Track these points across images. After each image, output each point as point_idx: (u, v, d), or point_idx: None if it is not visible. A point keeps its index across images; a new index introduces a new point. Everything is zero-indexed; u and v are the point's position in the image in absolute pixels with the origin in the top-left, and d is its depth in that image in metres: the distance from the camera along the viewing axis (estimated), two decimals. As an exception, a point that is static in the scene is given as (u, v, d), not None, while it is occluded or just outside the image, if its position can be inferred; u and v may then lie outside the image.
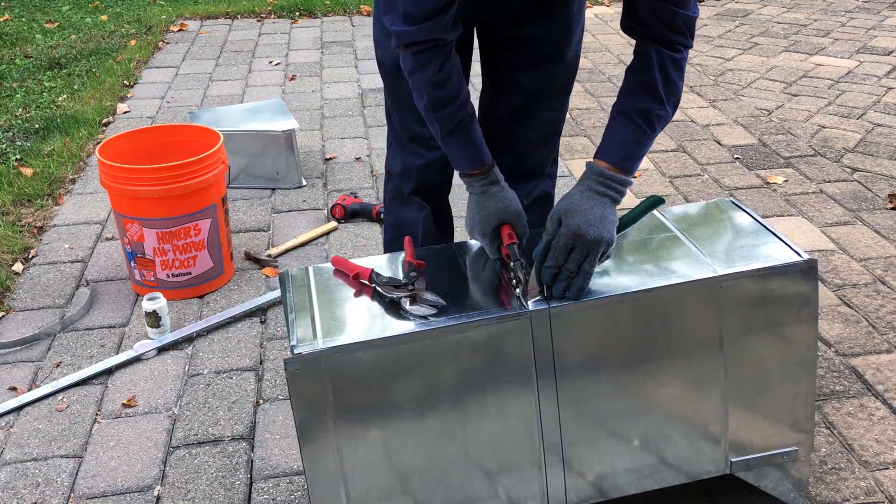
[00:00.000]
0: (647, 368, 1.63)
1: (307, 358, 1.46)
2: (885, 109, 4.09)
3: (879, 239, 2.92)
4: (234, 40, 5.41)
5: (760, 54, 5.02)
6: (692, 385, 1.66)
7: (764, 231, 1.75)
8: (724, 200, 1.91)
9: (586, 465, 1.67)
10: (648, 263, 1.67)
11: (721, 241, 1.74)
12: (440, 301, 1.56)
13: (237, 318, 2.53)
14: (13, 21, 5.90)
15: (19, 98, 4.38)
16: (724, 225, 1.81)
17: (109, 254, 2.91)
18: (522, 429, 1.60)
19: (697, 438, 1.70)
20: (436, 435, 1.57)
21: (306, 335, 1.51)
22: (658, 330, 1.62)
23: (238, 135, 3.27)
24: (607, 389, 1.63)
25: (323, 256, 2.88)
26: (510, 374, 1.57)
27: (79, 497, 1.90)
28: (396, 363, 1.52)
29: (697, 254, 1.68)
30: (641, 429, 1.67)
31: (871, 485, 1.88)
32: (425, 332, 1.52)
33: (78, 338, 2.46)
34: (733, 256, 1.67)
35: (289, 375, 1.47)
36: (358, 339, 1.50)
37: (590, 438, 1.65)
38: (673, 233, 1.77)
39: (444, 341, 1.53)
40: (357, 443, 1.54)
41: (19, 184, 3.35)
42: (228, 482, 1.93)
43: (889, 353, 2.33)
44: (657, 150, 3.69)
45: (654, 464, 1.70)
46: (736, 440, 1.71)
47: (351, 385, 1.50)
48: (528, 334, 1.55)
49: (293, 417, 1.51)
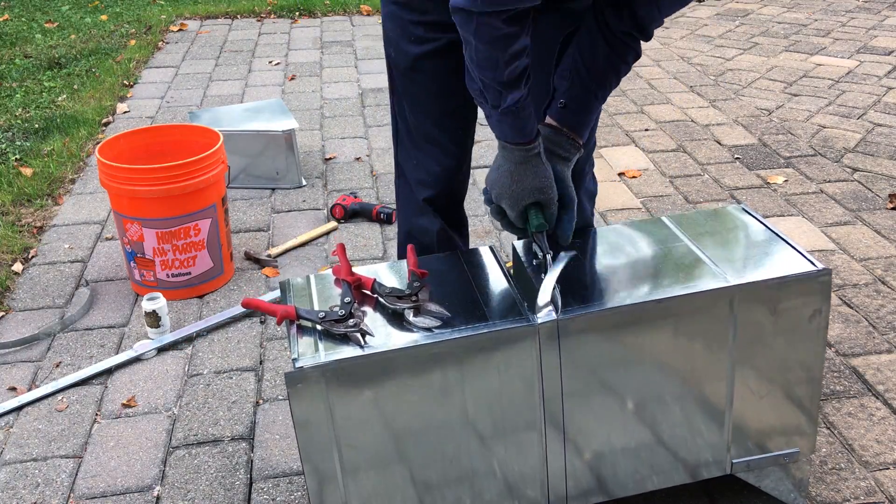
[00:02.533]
0: (652, 369, 1.63)
1: (308, 371, 1.45)
2: (886, 109, 4.09)
3: (880, 239, 2.92)
4: (233, 40, 5.41)
5: (760, 54, 5.02)
6: (696, 386, 1.66)
7: (775, 238, 1.74)
8: (734, 207, 1.90)
9: (588, 461, 1.66)
10: (659, 273, 1.66)
11: (732, 249, 1.72)
12: (444, 313, 1.54)
13: (237, 318, 2.53)
14: (13, 21, 5.90)
15: (19, 98, 4.38)
16: (734, 233, 1.79)
17: (109, 254, 2.90)
18: (526, 426, 1.60)
19: (699, 438, 1.70)
20: (438, 440, 1.56)
21: (308, 348, 1.50)
22: (667, 338, 1.61)
23: (238, 135, 3.27)
24: (612, 397, 1.62)
25: (323, 257, 2.88)
26: (516, 386, 1.55)
27: (78, 497, 1.90)
28: (399, 376, 1.50)
29: (708, 263, 1.67)
30: (643, 427, 1.66)
31: (872, 485, 1.88)
32: (428, 345, 1.49)
33: (78, 338, 2.46)
34: (745, 265, 1.66)
35: (290, 389, 1.45)
36: (360, 352, 1.48)
37: (592, 435, 1.65)
38: (683, 241, 1.76)
39: (448, 354, 1.50)
40: (358, 452, 1.53)
41: (19, 184, 3.35)
42: (228, 482, 1.93)
43: (889, 353, 2.33)
44: (657, 150, 3.69)
45: (656, 462, 1.70)
46: (738, 441, 1.71)
47: (352, 397, 1.49)
48: (536, 346, 1.53)
49: (294, 428, 1.50)
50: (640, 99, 4.31)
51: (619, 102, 4.26)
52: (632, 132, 3.90)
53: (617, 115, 4.11)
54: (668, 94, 4.39)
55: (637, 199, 3.25)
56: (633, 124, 3.99)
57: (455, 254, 1.82)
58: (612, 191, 3.33)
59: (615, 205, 3.21)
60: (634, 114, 4.12)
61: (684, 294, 1.58)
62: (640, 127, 3.96)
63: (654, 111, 4.15)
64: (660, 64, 4.83)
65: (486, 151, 3.64)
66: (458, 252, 1.84)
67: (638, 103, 4.26)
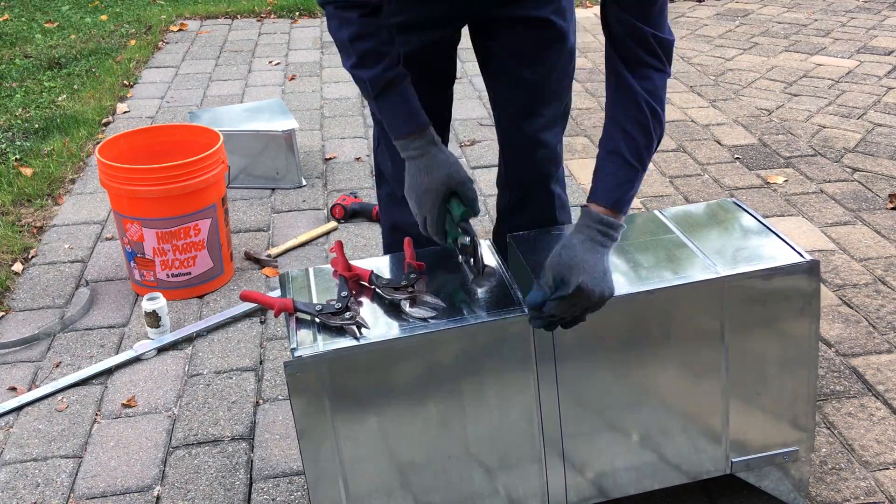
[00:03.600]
0: (648, 368, 1.64)
1: (307, 361, 1.46)
2: (886, 109, 4.09)
3: (879, 239, 2.92)
4: (233, 40, 5.41)
5: (760, 54, 5.02)
6: (693, 384, 1.66)
7: (766, 231, 1.76)
8: (725, 201, 1.91)
9: (587, 462, 1.67)
10: (651, 265, 1.67)
11: (723, 241, 1.74)
12: (440, 303, 1.56)
13: (237, 318, 2.53)
14: (13, 21, 5.90)
15: (19, 98, 4.38)
16: (726, 225, 1.81)
17: (109, 254, 2.90)
18: (523, 424, 1.61)
19: (698, 438, 1.70)
20: (435, 430, 1.57)
21: (306, 338, 1.51)
22: (660, 330, 1.62)
23: (238, 135, 3.27)
24: (608, 388, 1.63)
25: (323, 257, 2.88)
26: (511, 375, 1.57)
27: (79, 497, 1.90)
28: (396, 365, 1.52)
29: (700, 254, 1.68)
30: (642, 427, 1.67)
31: (872, 485, 1.88)
32: (424, 335, 1.51)
33: (78, 338, 2.46)
34: (736, 257, 1.67)
35: (289, 378, 1.47)
36: (358, 342, 1.49)
37: (590, 436, 1.65)
38: (675, 234, 1.77)
39: (444, 344, 1.52)
40: (357, 443, 1.54)
41: (19, 184, 3.35)
42: (228, 482, 1.93)
43: (889, 353, 2.33)
44: (657, 150, 3.69)
45: (655, 463, 1.70)
46: (736, 440, 1.71)
47: (351, 387, 1.50)
48: (531, 337, 1.55)
49: (293, 419, 1.51)
50: (640, 99, 4.31)
51: (619, 102, 4.26)
52: (632, 132, 3.90)
53: (617, 115, 4.10)
54: (668, 94, 4.38)
55: (637, 199, 3.25)
56: (633, 124, 3.99)
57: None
58: (612, 191, 3.32)
59: (615, 205, 3.21)
60: (634, 114, 4.12)
61: (674, 285, 1.60)
62: (640, 127, 3.96)
63: (654, 111, 4.15)
64: (660, 64, 4.83)
65: (485, 152, 3.64)
66: None
67: (638, 103, 4.25)
